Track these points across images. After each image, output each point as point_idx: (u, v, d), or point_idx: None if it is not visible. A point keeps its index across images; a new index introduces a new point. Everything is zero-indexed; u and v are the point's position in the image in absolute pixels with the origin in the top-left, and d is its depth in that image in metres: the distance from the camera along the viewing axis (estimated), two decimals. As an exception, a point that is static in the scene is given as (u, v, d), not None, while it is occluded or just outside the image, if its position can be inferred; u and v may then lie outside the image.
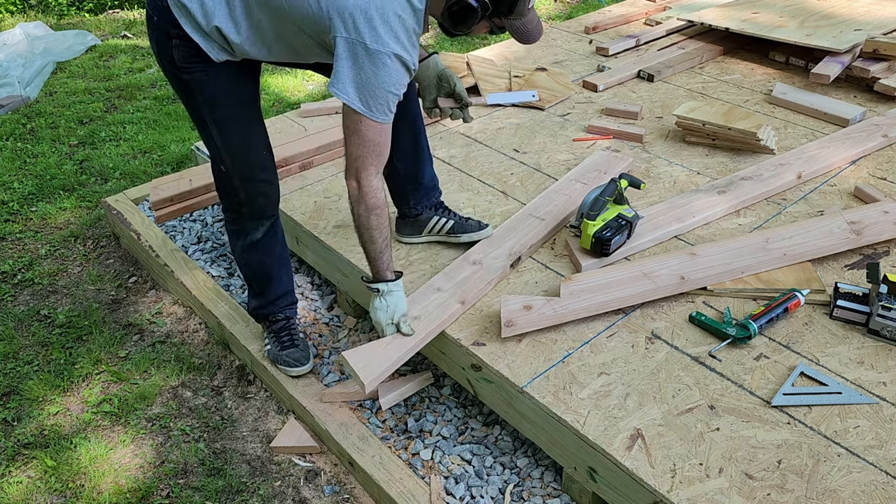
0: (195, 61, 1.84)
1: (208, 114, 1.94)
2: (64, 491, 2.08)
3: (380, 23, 1.64)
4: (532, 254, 2.34)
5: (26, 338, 2.64)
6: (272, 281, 2.26)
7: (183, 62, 1.84)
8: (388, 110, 1.74)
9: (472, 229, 2.36)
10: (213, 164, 2.06)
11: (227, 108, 1.93)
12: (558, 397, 1.83)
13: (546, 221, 2.42)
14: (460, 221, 2.37)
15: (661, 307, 2.11)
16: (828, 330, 2.02)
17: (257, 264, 2.22)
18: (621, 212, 2.25)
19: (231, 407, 2.35)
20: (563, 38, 4.20)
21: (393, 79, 1.69)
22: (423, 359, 2.37)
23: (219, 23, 1.77)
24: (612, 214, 2.23)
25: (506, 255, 2.27)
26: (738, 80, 3.54)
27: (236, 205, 2.09)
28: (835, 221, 2.32)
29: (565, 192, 2.57)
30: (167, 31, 1.80)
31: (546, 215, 2.45)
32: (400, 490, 1.93)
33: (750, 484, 1.61)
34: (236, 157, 2.00)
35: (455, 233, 2.36)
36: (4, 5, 6.16)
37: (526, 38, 1.83)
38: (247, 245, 2.17)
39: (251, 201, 2.08)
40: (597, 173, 2.66)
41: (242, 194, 2.06)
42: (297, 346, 2.31)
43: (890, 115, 3.05)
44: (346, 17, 1.64)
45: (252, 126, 2.00)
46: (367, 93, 1.69)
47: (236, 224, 2.15)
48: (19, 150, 3.90)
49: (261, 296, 2.29)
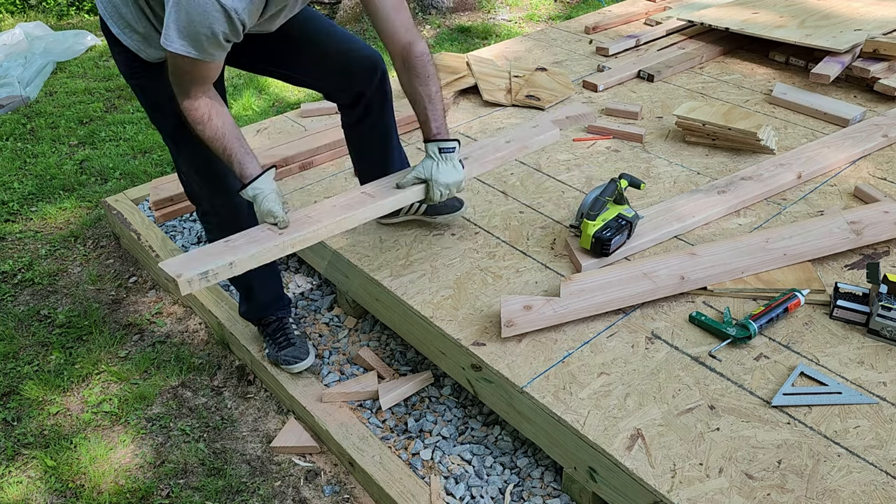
0: (135, 66, 1.84)
1: (158, 122, 1.93)
2: (64, 491, 2.08)
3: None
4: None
5: (26, 338, 2.64)
6: (253, 290, 2.27)
7: (126, 69, 1.86)
8: (194, 45, 1.62)
9: (448, 210, 2.40)
10: (178, 174, 2.03)
11: (175, 115, 1.82)
12: (558, 397, 1.83)
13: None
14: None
15: (661, 307, 2.11)
16: (828, 330, 2.02)
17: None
18: (621, 212, 2.25)
19: (231, 407, 2.35)
20: (563, 38, 4.20)
21: (210, 22, 1.57)
22: (423, 359, 2.37)
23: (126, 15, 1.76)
24: (612, 214, 2.23)
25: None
26: (738, 80, 3.54)
27: (208, 215, 2.08)
28: (835, 221, 2.32)
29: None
30: (110, 40, 1.83)
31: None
32: (400, 490, 1.93)
33: (750, 484, 1.61)
34: (197, 169, 1.97)
35: (430, 214, 2.41)
36: (4, 5, 6.16)
37: None
38: None
39: (219, 215, 2.05)
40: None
41: (208, 206, 2.04)
42: (294, 343, 2.31)
43: (890, 115, 3.05)
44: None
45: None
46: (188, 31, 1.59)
47: (211, 234, 2.12)
48: (19, 150, 3.90)
49: (248, 300, 2.32)
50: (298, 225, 1.86)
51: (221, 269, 1.73)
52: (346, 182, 2.78)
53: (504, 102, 3.36)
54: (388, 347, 2.46)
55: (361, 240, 2.45)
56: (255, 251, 1.77)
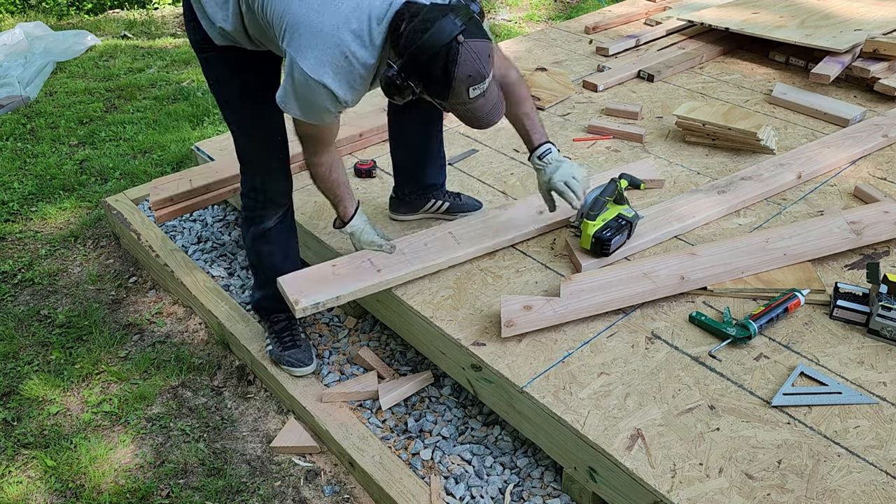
0: (205, 44, 1.96)
1: (217, 91, 2.07)
2: (64, 491, 2.08)
3: (320, 50, 1.68)
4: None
5: (26, 338, 2.64)
6: (276, 274, 2.26)
7: (196, 43, 1.99)
8: (319, 118, 1.83)
9: (468, 209, 2.49)
10: (235, 145, 2.17)
11: (233, 90, 2.02)
12: (558, 397, 1.83)
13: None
14: (456, 202, 2.48)
15: (661, 307, 2.11)
16: (828, 330, 2.02)
17: (266, 254, 2.25)
18: (621, 212, 2.25)
19: (231, 407, 2.35)
20: (563, 38, 4.20)
21: (320, 101, 1.76)
22: (423, 359, 2.37)
23: (209, 9, 1.88)
24: (612, 214, 2.23)
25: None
26: (738, 80, 3.54)
27: (251, 190, 2.17)
28: (835, 221, 2.32)
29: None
30: (187, 14, 1.97)
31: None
32: (400, 490, 1.93)
33: (750, 484, 1.61)
34: (247, 139, 2.11)
35: (451, 212, 2.48)
36: (4, 5, 6.17)
37: (474, 123, 1.79)
38: (258, 233, 2.21)
39: (264, 187, 2.16)
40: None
41: (257, 180, 2.15)
42: (300, 346, 2.31)
43: (890, 115, 3.05)
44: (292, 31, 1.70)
45: (260, 113, 2.04)
46: (301, 103, 1.78)
47: (250, 210, 2.21)
48: (19, 150, 3.90)
49: (264, 287, 2.29)
50: (394, 266, 2.18)
51: (329, 301, 2.07)
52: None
53: (504, 102, 3.36)
54: (388, 347, 2.46)
55: (361, 240, 2.45)
56: (356, 289, 2.10)
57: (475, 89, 1.67)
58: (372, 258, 2.19)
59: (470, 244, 2.29)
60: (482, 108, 1.74)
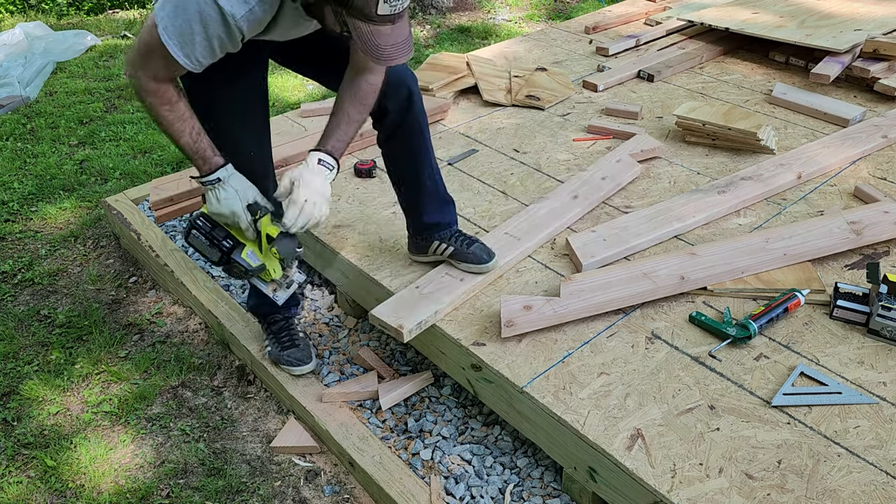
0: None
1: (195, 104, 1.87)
2: (64, 491, 2.08)
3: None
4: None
5: (26, 338, 2.64)
6: None
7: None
8: (181, 41, 1.57)
9: (472, 260, 2.18)
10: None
11: (202, 99, 1.82)
12: (558, 397, 1.83)
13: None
14: (461, 248, 2.19)
15: (661, 307, 2.12)
16: (828, 330, 2.02)
17: None
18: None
19: (231, 407, 2.35)
20: (563, 38, 4.20)
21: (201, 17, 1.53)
22: (423, 359, 2.37)
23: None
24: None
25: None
26: (738, 80, 3.54)
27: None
28: (835, 221, 2.32)
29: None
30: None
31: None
32: (400, 490, 1.93)
33: (750, 484, 1.61)
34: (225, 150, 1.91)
35: (457, 259, 2.21)
36: (4, 5, 6.16)
37: (371, 52, 1.52)
38: None
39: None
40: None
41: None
42: (298, 345, 2.31)
43: (890, 115, 3.05)
44: None
45: (238, 123, 1.92)
46: (175, 15, 1.54)
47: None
48: (19, 150, 3.90)
49: (259, 294, 2.28)
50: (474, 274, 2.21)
51: (430, 318, 2.07)
52: (346, 182, 2.78)
53: (504, 102, 3.36)
54: (388, 347, 2.46)
55: (361, 240, 2.45)
56: (449, 300, 2.11)
57: (386, 3, 1.45)
58: (450, 272, 2.21)
59: (528, 239, 2.35)
60: (386, 36, 1.50)
